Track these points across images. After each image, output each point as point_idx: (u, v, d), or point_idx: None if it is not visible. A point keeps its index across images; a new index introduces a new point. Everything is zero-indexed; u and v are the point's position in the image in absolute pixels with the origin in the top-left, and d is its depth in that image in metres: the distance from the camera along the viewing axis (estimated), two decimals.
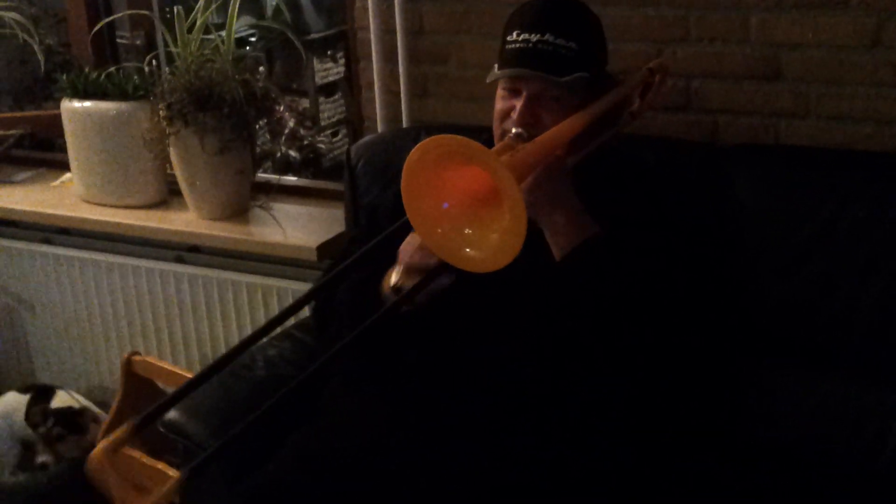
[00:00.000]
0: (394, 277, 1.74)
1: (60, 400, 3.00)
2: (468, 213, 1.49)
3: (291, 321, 2.54)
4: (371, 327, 1.51)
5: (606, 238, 1.70)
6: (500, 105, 1.84)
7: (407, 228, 1.60)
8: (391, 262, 1.78)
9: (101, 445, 1.30)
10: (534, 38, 1.77)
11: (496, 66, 1.84)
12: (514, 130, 1.77)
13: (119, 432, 1.32)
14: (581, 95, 1.80)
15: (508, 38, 1.82)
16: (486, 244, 1.45)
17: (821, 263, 1.99)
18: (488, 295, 1.76)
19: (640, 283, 1.68)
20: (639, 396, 1.81)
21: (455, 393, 1.77)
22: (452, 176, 1.47)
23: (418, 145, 1.44)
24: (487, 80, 1.85)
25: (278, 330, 2.46)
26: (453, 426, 1.74)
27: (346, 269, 1.66)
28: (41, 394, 3.02)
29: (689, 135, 2.25)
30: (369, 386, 1.87)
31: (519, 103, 1.79)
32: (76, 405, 2.97)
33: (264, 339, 2.40)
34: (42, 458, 2.91)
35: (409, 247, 1.71)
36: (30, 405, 2.98)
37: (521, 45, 1.78)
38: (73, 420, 2.93)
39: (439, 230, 1.48)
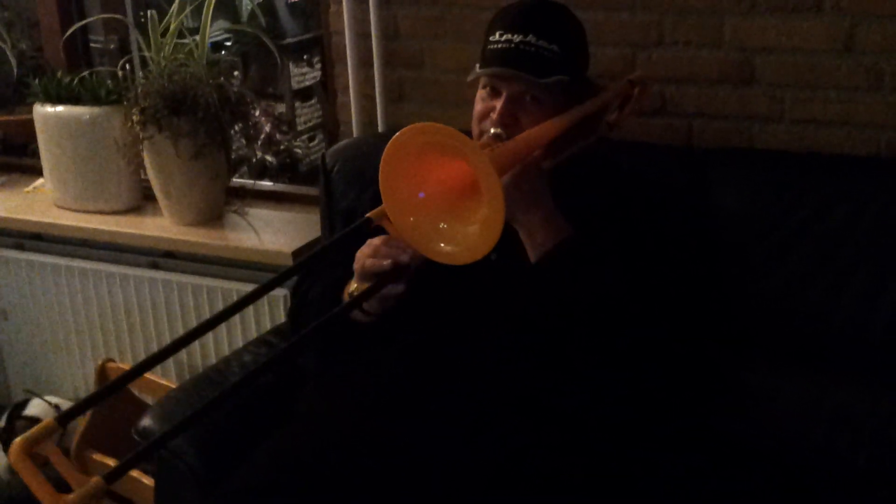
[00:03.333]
0: (351, 285, 1.76)
1: (35, 407, 2.99)
2: (444, 205, 1.50)
3: (267, 327, 2.54)
4: (330, 331, 1.51)
5: (582, 240, 1.70)
6: (479, 106, 1.85)
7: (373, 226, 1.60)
8: None
9: (18, 440, 1.27)
10: (516, 38, 1.78)
11: (477, 65, 1.85)
12: (492, 130, 1.79)
13: (38, 428, 1.29)
14: (560, 99, 1.81)
15: (491, 38, 1.83)
16: (461, 237, 1.47)
17: (796, 266, 2.00)
18: (463, 296, 1.77)
19: (615, 284, 1.69)
20: (617, 396, 1.81)
21: (431, 394, 1.77)
22: (431, 166, 1.48)
23: (403, 129, 1.44)
24: (468, 79, 1.86)
25: (254, 336, 2.46)
26: (430, 428, 1.74)
27: (310, 263, 1.66)
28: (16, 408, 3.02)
29: (663, 139, 2.26)
30: (344, 389, 1.87)
31: (498, 104, 1.80)
32: (52, 412, 2.95)
33: (240, 346, 2.40)
34: None
35: (363, 252, 1.71)
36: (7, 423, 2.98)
37: (504, 45, 1.79)
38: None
39: (412, 219, 1.49)
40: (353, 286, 1.75)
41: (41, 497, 1.24)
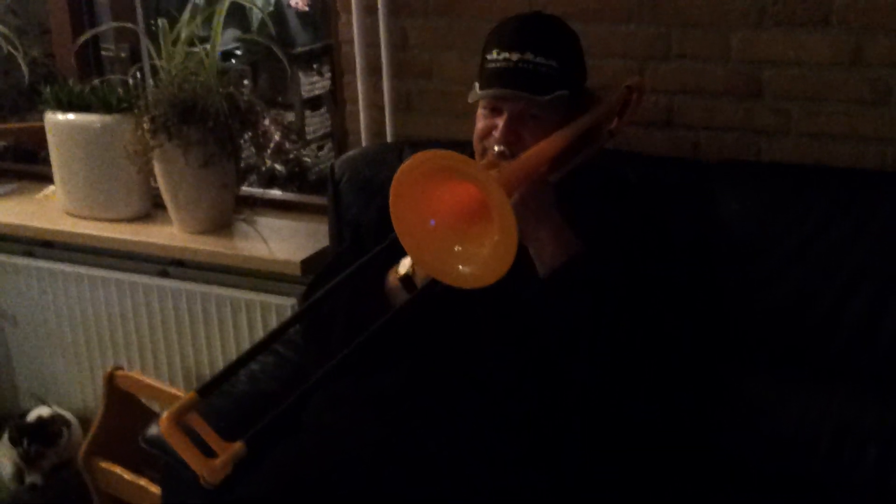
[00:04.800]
0: (402, 268, 1.76)
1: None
2: (456, 230, 1.50)
3: None
4: (382, 324, 1.54)
5: (590, 254, 1.70)
6: (480, 123, 1.85)
7: (393, 249, 1.61)
8: (380, 277, 1.79)
9: (167, 413, 1.39)
10: (514, 57, 1.78)
11: (476, 85, 1.84)
12: (496, 149, 1.78)
13: (184, 400, 1.41)
14: (562, 113, 1.81)
15: (488, 57, 1.82)
16: (477, 260, 1.46)
17: (802, 278, 2.01)
18: (473, 312, 1.77)
19: (623, 298, 1.69)
20: (623, 408, 1.82)
21: (438, 409, 1.77)
22: (437, 191, 1.48)
23: (408, 160, 1.44)
24: (469, 100, 1.86)
25: None
26: (436, 441, 1.74)
27: (339, 285, 1.67)
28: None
29: (670, 151, 2.26)
30: (352, 403, 1.87)
31: (501, 122, 1.79)
32: (45, 414, 3.00)
33: None
34: (31, 479, 2.92)
35: None
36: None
37: (502, 64, 1.79)
38: (46, 432, 2.95)
39: (428, 250, 1.49)
40: (405, 268, 1.75)
41: (191, 462, 1.38)
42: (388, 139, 2.60)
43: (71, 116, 2.83)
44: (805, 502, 1.93)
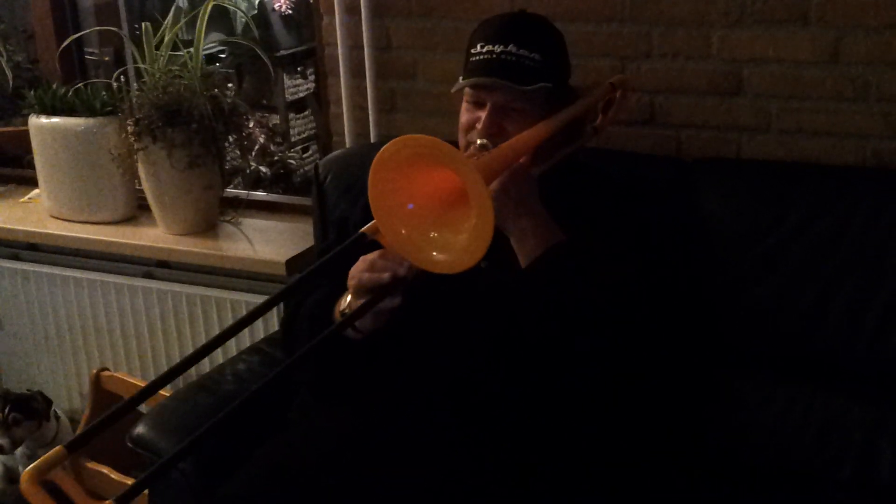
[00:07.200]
0: (343, 302, 1.74)
1: None
2: (433, 215, 1.51)
3: (260, 335, 2.55)
4: (323, 351, 1.49)
5: (572, 245, 1.71)
6: (464, 117, 1.87)
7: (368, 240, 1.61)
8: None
9: (29, 469, 1.28)
10: (498, 49, 1.80)
11: (461, 78, 1.86)
12: (479, 142, 1.80)
13: (48, 455, 1.30)
14: (544, 106, 1.82)
15: (473, 51, 1.85)
16: (453, 245, 1.47)
17: (784, 274, 2.02)
18: (454, 304, 1.77)
19: (605, 290, 1.69)
20: (605, 404, 1.82)
21: (422, 402, 1.78)
22: (418, 177, 1.49)
23: (388, 144, 1.45)
24: (452, 90, 1.88)
25: (247, 344, 2.47)
26: (420, 435, 1.75)
27: (308, 277, 1.66)
28: None
29: (653, 149, 2.28)
30: (337, 398, 1.87)
31: (483, 114, 1.81)
32: (33, 392, 2.97)
33: (233, 354, 2.41)
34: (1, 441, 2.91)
35: (357, 268, 1.67)
36: None
37: (486, 56, 1.81)
38: (27, 406, 2.92)
39: (403, 231, 1.50)
40: (345, 304, 1.73)
41: None
42: (373, 140, 2.61)
43: (55, 120, 2.83)
44: (791, 496, 1.93)
